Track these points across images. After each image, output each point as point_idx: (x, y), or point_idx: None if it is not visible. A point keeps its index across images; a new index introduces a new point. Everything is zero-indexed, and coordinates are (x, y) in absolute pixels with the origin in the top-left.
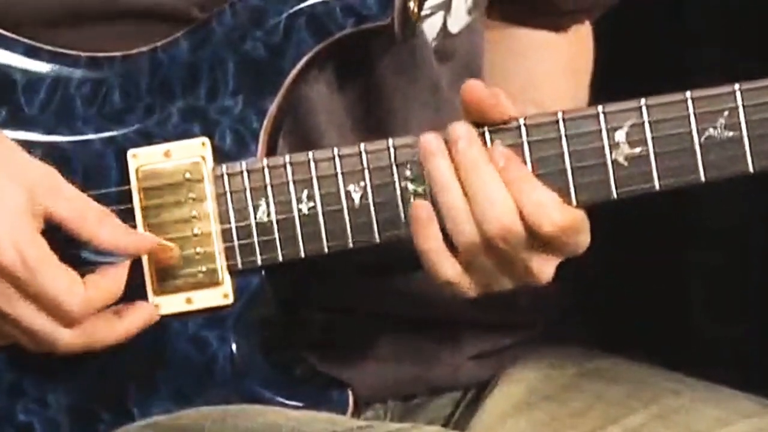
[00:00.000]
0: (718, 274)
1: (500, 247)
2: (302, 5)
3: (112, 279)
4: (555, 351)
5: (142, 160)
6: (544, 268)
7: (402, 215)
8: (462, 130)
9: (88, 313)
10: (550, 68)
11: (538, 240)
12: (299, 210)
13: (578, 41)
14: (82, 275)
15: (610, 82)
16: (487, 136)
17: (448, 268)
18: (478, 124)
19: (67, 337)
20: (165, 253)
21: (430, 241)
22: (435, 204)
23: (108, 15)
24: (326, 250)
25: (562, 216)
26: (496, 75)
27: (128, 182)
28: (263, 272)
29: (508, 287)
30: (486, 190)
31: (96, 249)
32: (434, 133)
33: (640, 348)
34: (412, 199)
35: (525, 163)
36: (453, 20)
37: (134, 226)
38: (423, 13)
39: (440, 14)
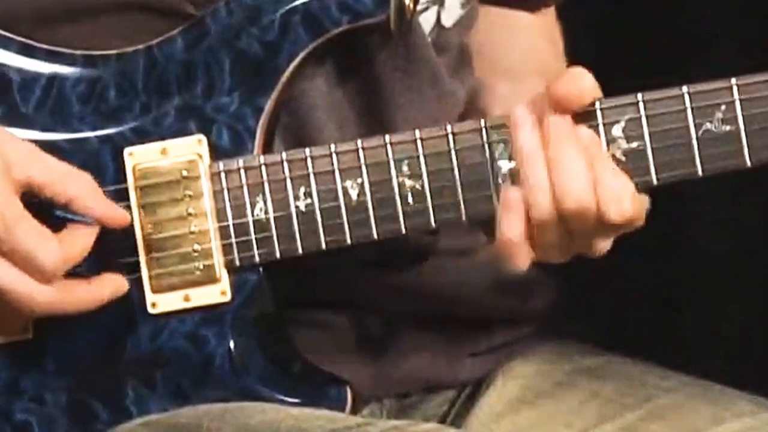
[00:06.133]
0: (713, 271)
1: (572, 224)
2: (297, 2)
3: (84, 235)
4: (551, 348)
5: (139, 158)
6: (603, 244)
7: (399, 211)
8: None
9: (62, 269)
10: (538, 42)
11: (603, 224)
12: (296, 207)
13: (549, 19)
14: None
15: (606, 77)
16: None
17: (525, 258)
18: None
19: (42, 296)
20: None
21: (513, 230)
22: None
23: (103, 10)
24: (324, 246)
25: (632, 207)
26: (498, 50)
27: (125, 180)
28: (261, 269)
29: (562, 260)
30: (570, 164)
31: (73, 212)
32: (525, 107)
33: (634, 345)
34: (409, 196)
35: None
36: (447, 14)
37: (132, 225)
38: (418, 8)
39: (434, 9)
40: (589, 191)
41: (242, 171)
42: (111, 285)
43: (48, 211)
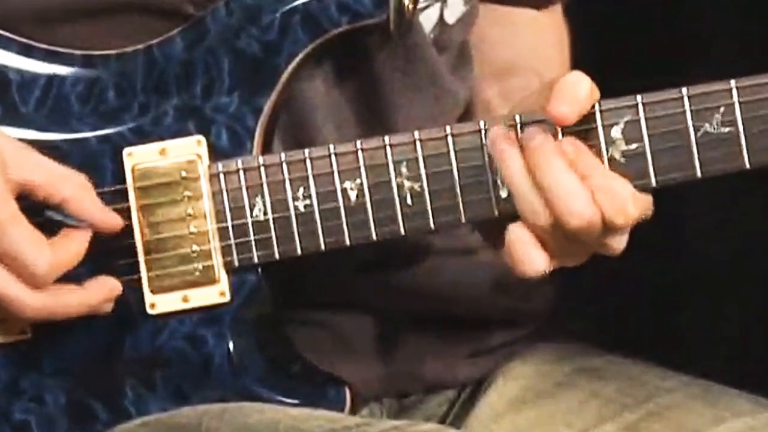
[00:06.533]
0: (712, 272)
1: (581, 237)
2: (297, 3)
3: (76, 241)
4: (550, 348)
5: (138, 158)
6: (617, 244)
7: (399, 213)
8: (533, 130)
9: (53, 275)
10: (541, 39)
11: (611, 228)
12: (295, 208)
13: (556, 16)
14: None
15: (606, 77)
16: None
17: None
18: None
19: (32, 300)
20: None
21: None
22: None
23: (103, 10)
24: (323, 247)
25: (636, 208)
26: (496, 47)
27: (124, 181)
28: (260, 270)
29: (579, 263)
30: (562, 184)
31: (67, 213)
32: (501, 127)
33: (634, 345)
34: (408, 197)
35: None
36: (450, 11)
37: (130, 226)
38: (419, 6)
39: (437, 6)
40: (589, 205)
41: (241, 172)
42: (101, 290)
43: (41, 213)
